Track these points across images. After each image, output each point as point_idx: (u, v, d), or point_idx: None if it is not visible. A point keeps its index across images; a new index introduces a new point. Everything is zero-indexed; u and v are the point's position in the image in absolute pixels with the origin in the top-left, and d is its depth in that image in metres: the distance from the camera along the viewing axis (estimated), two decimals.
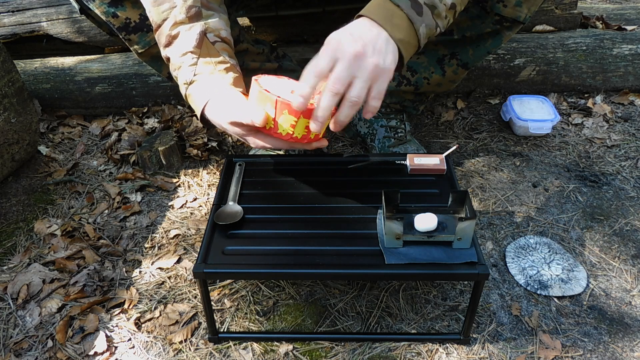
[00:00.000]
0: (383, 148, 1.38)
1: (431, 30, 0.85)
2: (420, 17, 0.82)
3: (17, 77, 1.33)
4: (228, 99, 0.90)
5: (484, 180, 1.36)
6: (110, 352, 0.99)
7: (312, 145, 0.89)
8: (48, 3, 1.72)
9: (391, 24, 0.80)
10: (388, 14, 0.80)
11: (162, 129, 1.55)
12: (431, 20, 0.84)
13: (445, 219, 0.87)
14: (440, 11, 0.84)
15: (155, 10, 0.93)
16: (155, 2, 0.92)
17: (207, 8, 0.95)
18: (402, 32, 0.81)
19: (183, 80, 0.94)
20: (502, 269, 1.12)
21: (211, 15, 0.95)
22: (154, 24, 0.94)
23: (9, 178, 1.41)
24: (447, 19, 0.87)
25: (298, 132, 0.84)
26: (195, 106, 0.93)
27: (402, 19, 0.80)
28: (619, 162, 1.41)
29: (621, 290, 1.07)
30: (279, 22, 1.68)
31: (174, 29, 0.93)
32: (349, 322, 1.02)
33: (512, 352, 0.96)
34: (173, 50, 0.94)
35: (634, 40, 1.63)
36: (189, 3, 0.92)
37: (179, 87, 0.96)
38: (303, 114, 0.82)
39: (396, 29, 0.80)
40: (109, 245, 1.22)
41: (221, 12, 0.99)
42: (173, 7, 0.92)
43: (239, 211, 0.96)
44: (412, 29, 0.82)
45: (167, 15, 0.92)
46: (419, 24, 0.82)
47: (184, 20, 0.92)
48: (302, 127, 0.84)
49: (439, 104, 1.64)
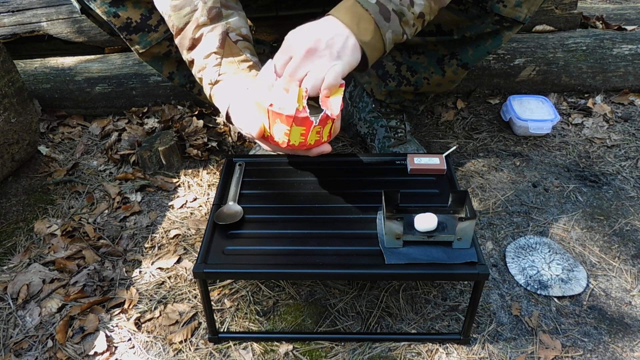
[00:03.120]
0: (383, 148, 1.38)
1: (398, 36, 0.87)
2: (387, 23, 0.84)
3: (17, 77, 1.33)
4: (241, 107, 0.92)
5: (484, 180, 1.36)
6: (110, 352, 0.99)
7: (312, 152, 0.90)
8: (48, 3, 1.72)
9: (358, 26, 0.82)
10: (356, 17, 0.82)
11: (162, 129, 1.55)
12: (398, 27, 0.86)
13: (445, 219, 0.87)
14: (408, 19, 0.86)
15: (176, 15, 0.94)
16: (176, 7, 0.93)
17: (227, 7, 0.96)
18: (368, 35, 0.83)
19: (208, 80, 0.96)
20: (502, 269, 1.12)
21: (231, 14, 0.96)
22: (175, 28, 0.95)
23: (9, 178, 1.41)
24: (415, 27, 0.89)
25: (294, 140, 0.84)
26: (219, 107, 0.96)
27: (369, 23, 0.83)
28: (619, 162, 1.41)
29: (621, 290, 1.07)
30: (279, 22, 1.68)
31: (197, 32, 0.94)
32: (349, 322, 1.02)
33: (512, 352, 0.96)
34: (197, 52, 0.95)
35: (634, 40, 1.63)
36: (210, 4, 0.93)
37: (203, 87, 0.98)
38: (295, 122, 0.81)
39: (363, 32, 0.82)
40: (109, 245, 1.22)
41: (239, 10, 1.00)
42: (194, 10, 0.93)
43: (239, 211, 0.96)
44: (379, 34, 0.84)
45: (189, 19, 0.93)
46: (385, 29, 0.84)
47: (206, 22, 0.93)
48: (298, 135, 0.84)
49: (439, 104, 1.64)
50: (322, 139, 0.87)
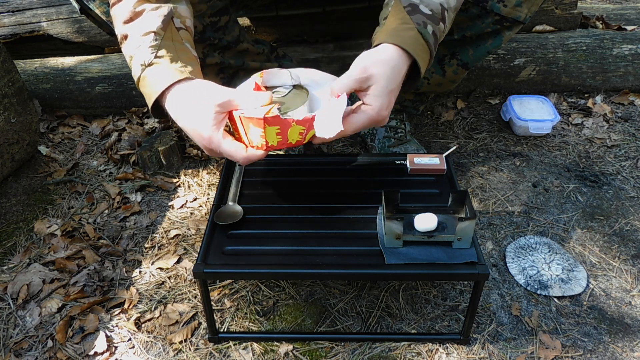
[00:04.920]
0: (383, 148, 1.38)
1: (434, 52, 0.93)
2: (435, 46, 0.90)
3: (17, 77, 1.33)
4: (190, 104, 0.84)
5: (484, 180, 1.36)
6: (110, 352, 0.99)
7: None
8: (48, 3, 1.72)
9: (421, 58, 0.87)
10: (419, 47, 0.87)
11: (162, 129, 1.55)
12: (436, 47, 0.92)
13: (445, 219, 0.87)
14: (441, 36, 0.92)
15: None
16: None
17: None
18: (425, 64, 0.88)
19: (140, 60, 0.87)
20: (502, 269, 1.12)
21: (179, 0, 0.92)
22: None
23: (9, 178, 1.41)
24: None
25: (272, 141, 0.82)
26: (150, 90, 0.87)
27: (426, 52, 0.88)
28: (619, 162, 1.41)
29: (621, 290, 1.07)
30: (279, 22, 1.68)
31: (139, 6, 0.87)
32: (349, 322, 1.02)
33: (512, 352, 0.96)
34: (134, 27, 0.88)
35: (634, 40, 1.63)
36: None
37: (132, 67, 0.89)
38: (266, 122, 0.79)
39: (422, 62, 0.87)
40: (109, 245, 1.22)
41: (187, 2, 0.95)
42: None
43: (239, 211, 0.96)
44: (429, 57, 0.90)
45: None
46: (434, 51, 0.90)
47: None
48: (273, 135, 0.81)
49: (439, 104, 1.64)
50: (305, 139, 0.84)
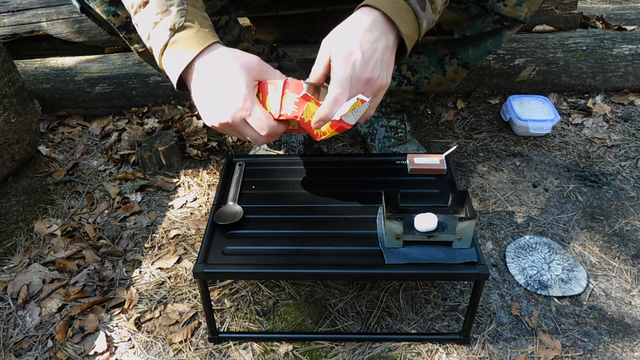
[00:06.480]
0: (383, 148, 1.38)
1: (429, 24, 0.86)
2: (423, 13, 0.83)
3: (17, 77, 1.33)
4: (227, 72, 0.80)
5: (484, 180, 1.36)
6: (110, 352, 0.99)
7: None
8: (48, 3, 1.72)
9: (400, 17, 0.80)
10: (396, 7, 0.80)
11: (162, 129, 1.55)
12: (430, 15, 0.85)
13: (445, 219, 0.87)
14: (437, 6, 0.86)
15: None
16: None
17: None
18: (409, 27, 0.81)
19: (169, 24, 0.80)
20: (502, 269, 1.12)
21: None
22: None
23: (9, 178, 1.41)
24: (440, 14, 0.88)
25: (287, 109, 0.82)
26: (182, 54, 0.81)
27: (409, 13, 0.81)
28: (619, 162, 1.40)
29: (621, 290, 1.07)
30: (279, 22, 1.68)
31: None
32: (349, 322, 1.02)
33: (512, 352, 0.96)
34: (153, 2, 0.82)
35: (634, 40, 1.63)
36: None
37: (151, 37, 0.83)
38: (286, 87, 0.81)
39: (404, 24, 0.81)
40: (109, 245, 1.22)
41: None
42: None
43: (239, 211, 0.96)
44: (416, 24, 0.83)
45: None
46: (422, 19, 0.83)
47: None
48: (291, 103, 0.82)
49: (439, 104, 1.64)
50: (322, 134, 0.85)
